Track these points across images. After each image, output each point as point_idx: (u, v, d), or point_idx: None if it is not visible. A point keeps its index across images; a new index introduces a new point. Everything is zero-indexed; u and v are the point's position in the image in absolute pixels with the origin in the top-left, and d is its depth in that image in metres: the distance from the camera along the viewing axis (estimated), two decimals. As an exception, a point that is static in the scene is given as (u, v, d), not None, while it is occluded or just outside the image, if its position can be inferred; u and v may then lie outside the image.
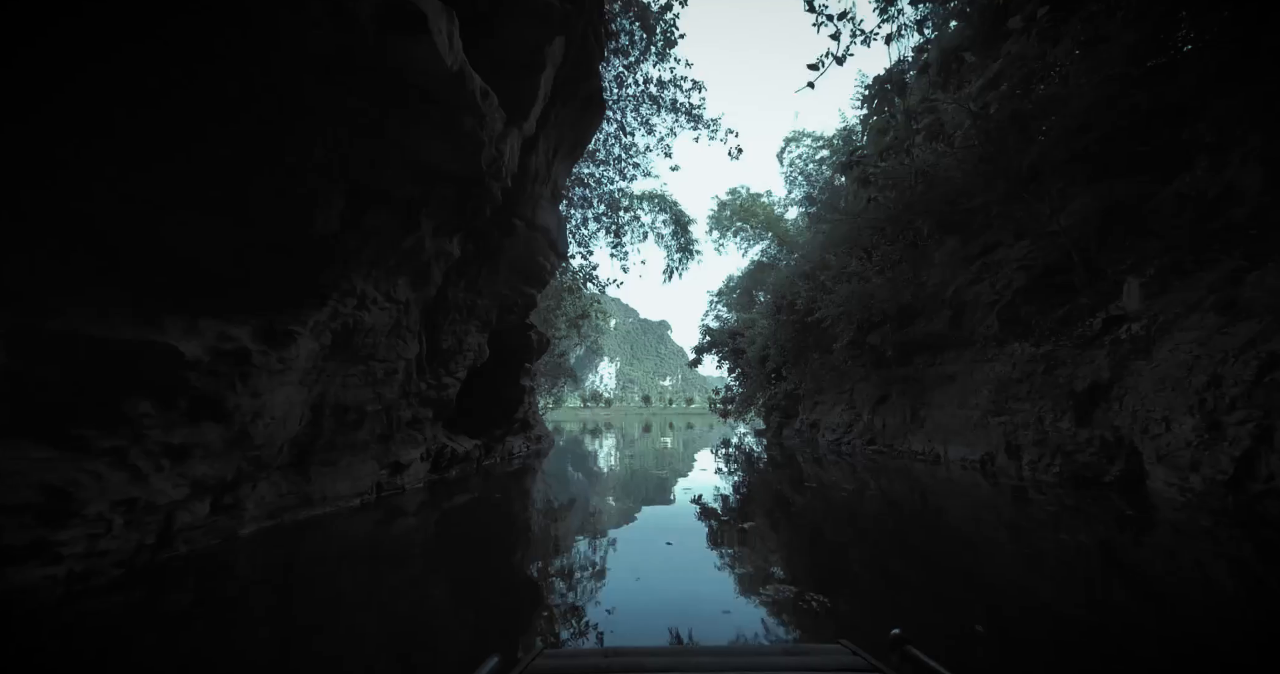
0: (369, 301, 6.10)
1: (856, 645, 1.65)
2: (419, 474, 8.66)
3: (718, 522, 6.76)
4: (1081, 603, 3.83)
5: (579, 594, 4.06)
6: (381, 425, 7.49)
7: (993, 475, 10.33)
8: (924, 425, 14.24)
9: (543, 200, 9.77)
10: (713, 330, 33.24)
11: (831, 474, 11.25)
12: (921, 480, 10.12)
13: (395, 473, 7.89)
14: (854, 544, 5.79)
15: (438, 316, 8.38)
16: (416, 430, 8.52)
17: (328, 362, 5.86)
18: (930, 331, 14.45)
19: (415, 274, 7.05)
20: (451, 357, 9.01)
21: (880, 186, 13.49)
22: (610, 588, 4.12)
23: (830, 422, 18.51)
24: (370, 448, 7.33)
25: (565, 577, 4.52)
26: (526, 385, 12.98)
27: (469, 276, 8.73)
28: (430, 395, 8.68)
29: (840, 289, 16.52)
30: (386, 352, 7.02)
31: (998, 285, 11.85)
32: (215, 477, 4.35)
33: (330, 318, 5.54)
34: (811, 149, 30.40)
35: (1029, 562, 5.13)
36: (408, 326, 7.36)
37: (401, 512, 7.05)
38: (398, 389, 7.59)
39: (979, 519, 6.99)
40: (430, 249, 6.88)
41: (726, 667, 1.57)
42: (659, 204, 20.73)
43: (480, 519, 7.00)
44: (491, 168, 6.69)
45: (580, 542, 5.70)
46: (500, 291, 9.87)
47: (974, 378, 12.17)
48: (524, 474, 12.24)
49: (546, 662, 1.57)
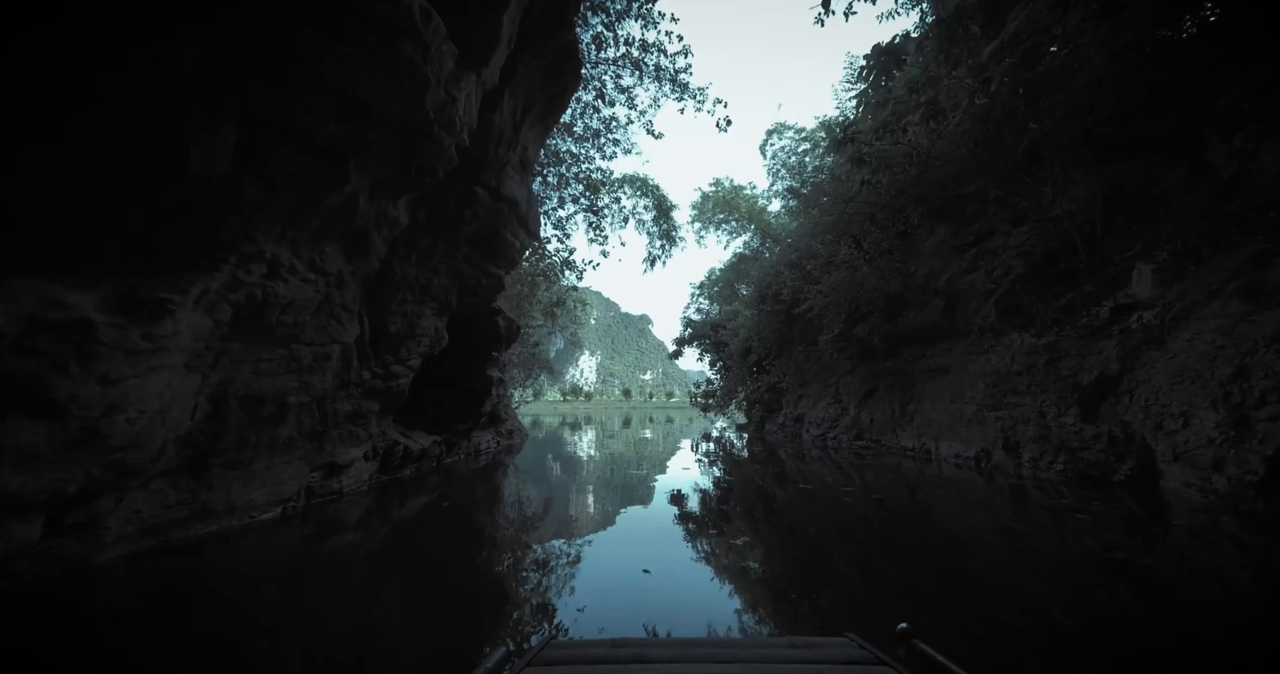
0: (285, 270, 5.01)
1: (863, 638, 1.65)
2: (362, 475, 7.58)
3: (702, 536, 5.90)
4: (1095, 614, 3.44)
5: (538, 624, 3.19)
6: (312, 420, 6.40)
7: (989, 473, 9.78)
8: (914, 420, 13.72)
9: (509, 168, 8.70)
10: (694, 322, 32.51)
11: (817, 471, 10.57)
12: (913, 479, 9.49)
13: (331, 475, 6.81)
14: (845, 551, 5.02)
15: (383, 295, 7.29)
16: (359, 425, 7.44)
17: (230, 342, 4.76)
18: (921, 323, 13.90)
19: (350, 241, 5.95)
20: (402, 342, 7.92)
21: (874, 168, 12.78)
22: (580, 623, 3.24)
23: (815, 416, 17.95)
24: (297, 446, 6.23)
25: (522, 603, 3.61)
26: (495, 376, 11.94)
27: (422, 251, 7.64)
28: (376, 386, 7.59)
29: (828, 278, 15.86)
30: (315, 333, 5.93)
31: (994, 274, 11.29)
32: (45, 489, 3.27)
33: (228, 287, 4.44)
34: (794, 141, 29.94)
35: (1034, 568, 4.54)
36: (343, 304, 6.26)
37: (332, 522, 6.00)
38: (332, 378, 6.50)
39: (978, 521, 6.31)
40: (368, 211, 5.79)
41: (732, 658, 1.57)
42: (641, 188, 19.72)
43: (425, 531, 6.01)
44: (441, 116, 5.63)
45: (546, 557, 4.78)
46: (460, 270, 8.79)
47: (968, 371, 11.63)
48: (490, 473, 11.22)
49: (554, 651, 1.61)
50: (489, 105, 7.34)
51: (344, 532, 5.76)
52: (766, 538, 5.69)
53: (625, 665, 1.50)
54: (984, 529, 5.95)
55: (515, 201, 9.03)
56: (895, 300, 15.14)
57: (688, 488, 8.83)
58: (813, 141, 28.52)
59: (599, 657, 1.58)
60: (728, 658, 1.58)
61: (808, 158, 29.21)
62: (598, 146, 14.41)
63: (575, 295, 23.61)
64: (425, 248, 7.69)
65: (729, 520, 6.53)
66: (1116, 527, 5.78)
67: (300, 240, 5.15)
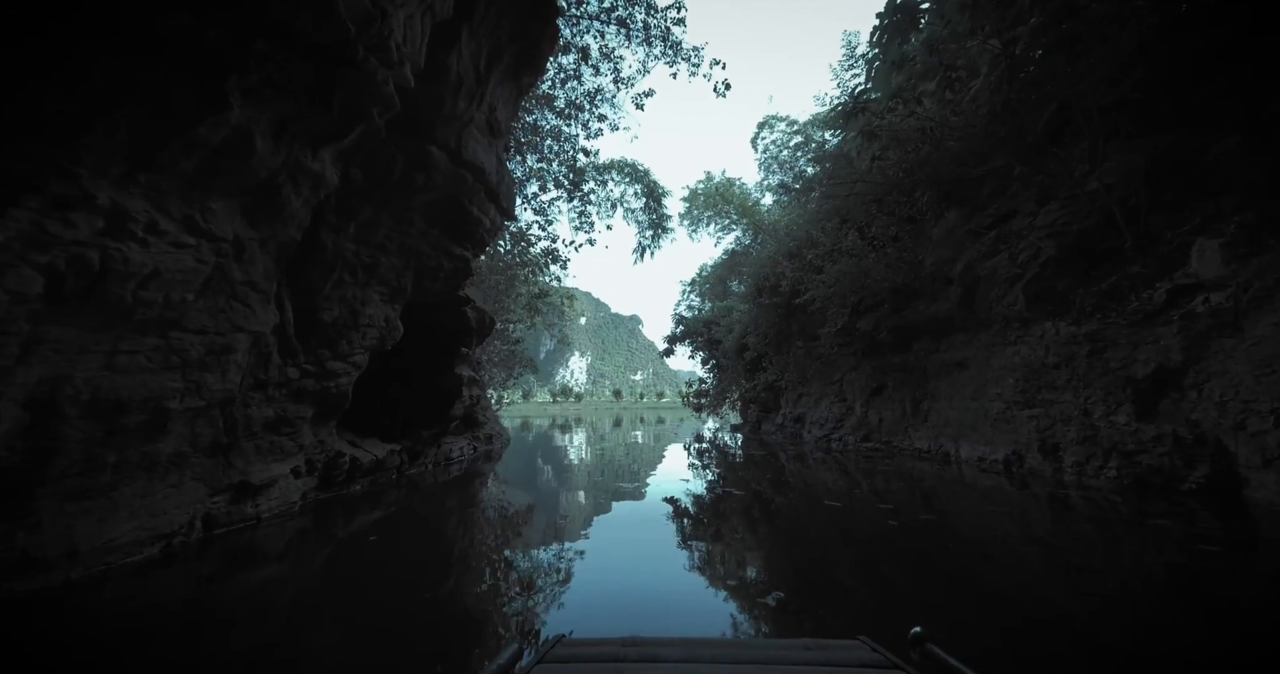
0: (141, 228, 3.65)
1: (876, 642, 1.63)
2: (290, 496, 6.21)
3: (706, 568, 4.65)
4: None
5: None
6: (213, 430, 5.03)
7: (1021, 478, 8.67)
8: (928, 419, 12.64)
9: (474, 129, 7.38)
10: (686, 319, 31.37)
11: (823, 477, 9.37)
12: (933, 485, 8.35)
13: (242, 498, 5.44)
14: (869, 580, 3.81)
15: (312, 274, 5.93)
16: (285, 435, 6.07)
17: (48, 326, 3.40)
18: (934, 314, 12.82)
19: (252, 199, 4.60)
20: (341, 333, 6.57)
21: (884, 144, 11.66)
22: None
23: (817, 416, 16.83)
24: (190, 464, 4.87)
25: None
26: (465, 375, 10.60)
27: (363, 221, 6.30)
28: (307, 386, 6.23)
29: (832, 267, 14.73)
30: (208, 319, 4.57)
31: (1020, 257, 10.20)
32: None
33: (30, 244, 3.09)
34: (785, 135, 29.19)
35: (1095, 595, 3.67)
36: (249, 282, 4.91)
37: (234, 558, 4.65)
38: (240, 376, 5.14)
39: (1025, 538, 5.14)
40: (271, 159, 4.45)
41: (744, 659, 1.55)
42: (629, 174, 18.44)
43: (353, 567, 4.67)
44: (368, 35, 4.32)
45: (515, 591, 3.50)
46: (416, 248, 7.45)
47: (991, 365, 10.54)
48: (461, 485, 9.87)
49: (565, 650, 1.61)
50: (443, 43, 6.02)
51: (245, 570, 4.42)
52: (784, 579, 4.45)
53: (636, 664, 1.48)
54: (1041, 549, 4.78)
55: (482, 170, 7.71)
56: (903, 291, 14.07)
57: (690, 508, 7.56)
58: (805, 135, 27.96)
59: (610, 655, 1.56)
60: (740, 658, 1.56)
61: (799, 152, 28.61)
62: (581, 123, 13.12)
63: (561, 290, 22.25)
64: (367, 219, 6.34)
65: (751, 567, 5.28)
66: (1190, 544, 4.70)
67: (166, 189, 3.80)
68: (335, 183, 5.47)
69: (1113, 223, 8.80)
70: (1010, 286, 10.38)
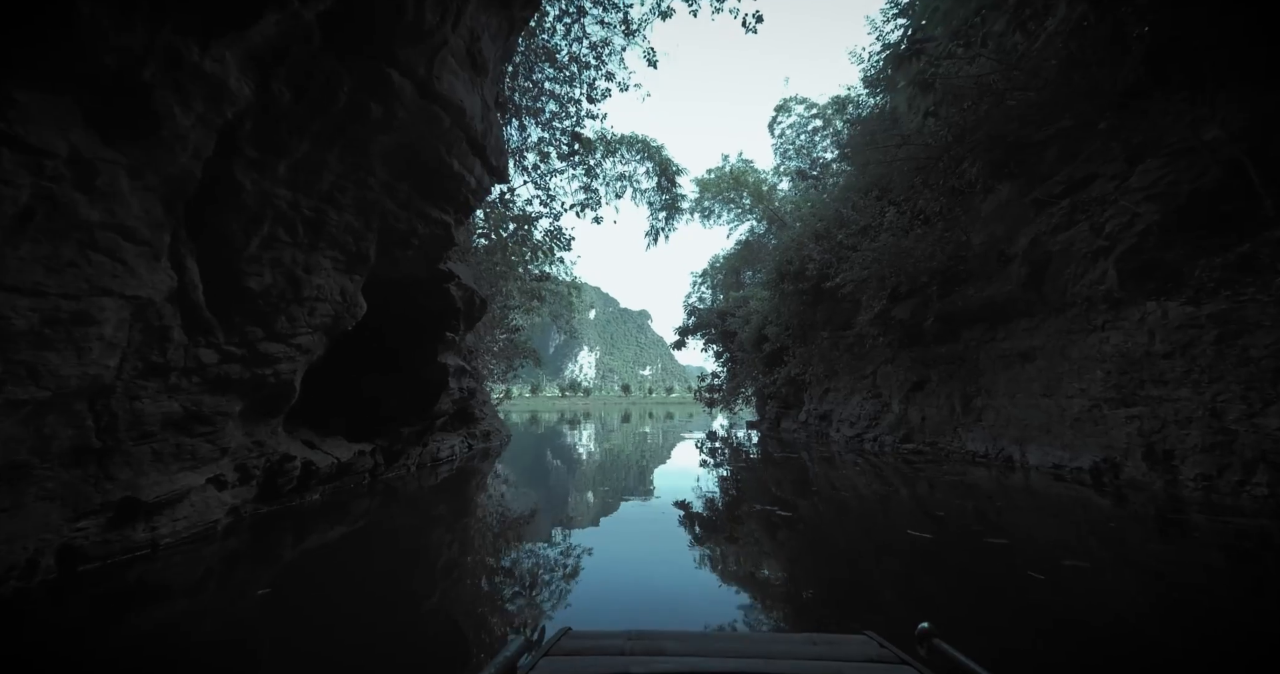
0: None
1: (883, 637, 1.62)
2: (209, 513, 4.86)
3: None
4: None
5: None
6: (73, 431, 3.67)
7: (1117, 491, 7.09)
8: (981, 419, 11.04)
9: (449, 56, 5.91)
10: (699, 309, 29.88)
11: (860, 486, 7.81)
12: (999, 499, 6.81)
13: (127, 521, 4.09)
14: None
15: (229, 226, 4.53)
16: (200, 435, 4.71)
17: None
18: (989, 298, 11.17)
19: (102, 99, 3.19)
20: (278, 307, 5.18)
21: (940, 97, 10.00)
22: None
23: (847, 413, 15.26)
24: (34, 479, 3.51)
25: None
26: (452, 364, 9.22)
27: (299, 161, 4.87)
28: (231, 373, 4.86)
29: (870, 245, 13.10)
30: (42, 273, 3.19)
31: (1107, 227, 8.54)
32: None
33: None
34: (803, 118, 27.65)
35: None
36: (119, 227, 3.52)
37: (85, 611, 3.29)
38: (115, 359, 3.77)
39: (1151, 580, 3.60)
40: (121, 36, 3.04)
41: (750, 653, 1.54)
42: (641, 150, 16.89)
43: (262, 620, 3.28)
44: None
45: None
46: (380, 205, 6.03)
47: (1069, 355, 8.92)
48: (449, 490, 8.54)
49: (571, 642, 1.61)
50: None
51: (110, 624, 3.05)
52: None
53: (641, 657, 1.47)
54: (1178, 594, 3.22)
55: (461, 111, 6.25)
56: (948, 274, 12.43)
57: (719, 535, 6.12)
58: (824, 119, 26.56)
59: (615, 648, 1.56)
60: (745, 652, 1.55)
61: (818, 136, 27.12)
62: (587, 83, 11.61)
63: (565, 269, 20.78)
64: (306, 158, 4.92)
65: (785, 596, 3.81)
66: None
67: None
68: (248, 98, 4.04)
69: (1238, 180, 7.12)
70: (1093, 262, 8.73)
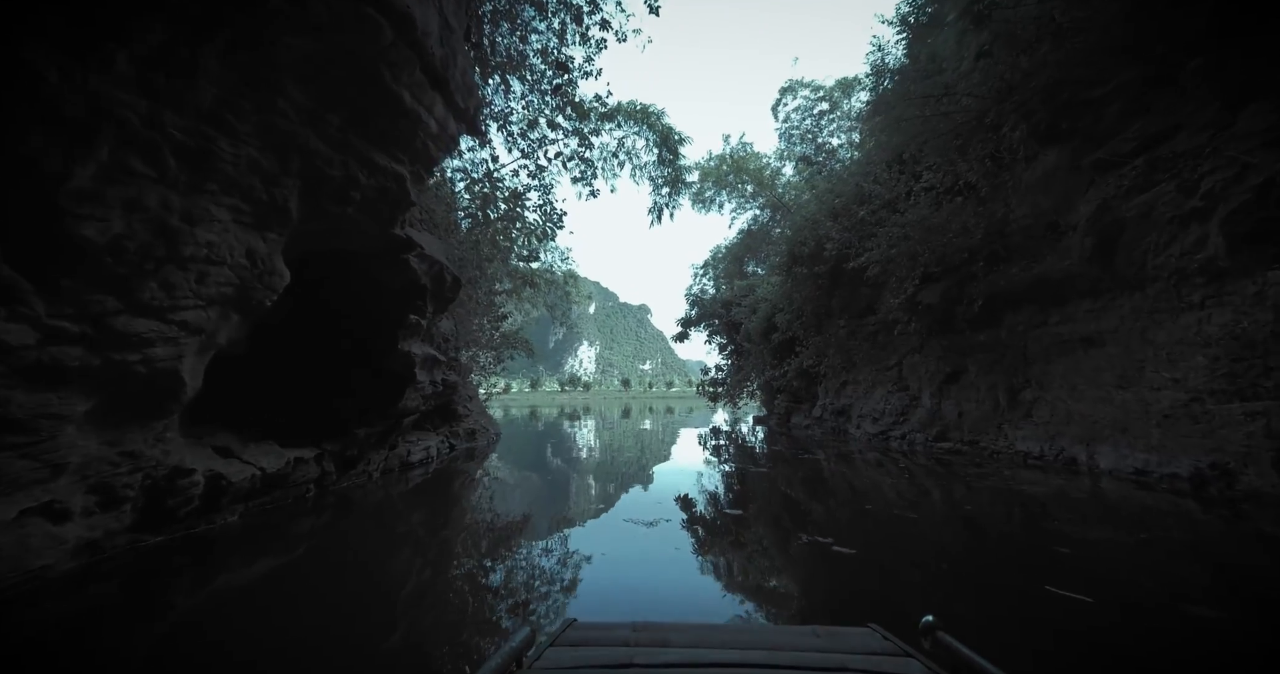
0: None
1: (886, 630, 1.61)
2: (31, 556, 3.45)
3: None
4: None
5: None
6: None
7: (1231, 504, 5.71)
8: (1032, 414, 9.64)
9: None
10: (702, 300, 28.44)
11: (915, 498, 6.36)
12: (1082, 511, 5.40)
13: None
14: None
15: (30, 140, 3.08)
16: (11, 449, 3.29)
17: None
18: (1041, 276, 9.73)
19: None
20: (141, 267, 3.75)
21: (996, 35, 8.51)
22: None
23: (869, 408, 13.85)
24: None
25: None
26: (419, 354, 7.80)
27: (152, 53, 3.42)
28: (66, 359, 3.44)
29: (899, 219, 11.65)
30: None
31: (1205, 184, 7.09)
32: None
33: None
34: (809, 101, 26.43)
35: None
36: None
37: None
38: None
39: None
40: None
41: (753, 645, 1.53)
42: (640, 119, 15.35)
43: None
44: None
45: None
46: (297, 138, 4.58)
47: (1153, 338, 7.50)
48: (416, 501, 7.17)
49: (576, 633, 1.62)
50: None
51: None
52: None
53: (646, 649, 1.46)
54: None
55: (408, 18, 4.77)
56: (985, 252, 11.00)
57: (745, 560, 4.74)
58: (831, 101, 25.45)
59: (620, 639, 1.56)
60: (750, 644, 1.54)
61: (824, 120, 26.00)
62: (579, 33, 10.10)
63: (560, 255, 19.30)
64: (166, 51, 3.46)
65: None
66: None
67: None
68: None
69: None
70: (1183, 228, 7.29)
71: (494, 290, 13.56)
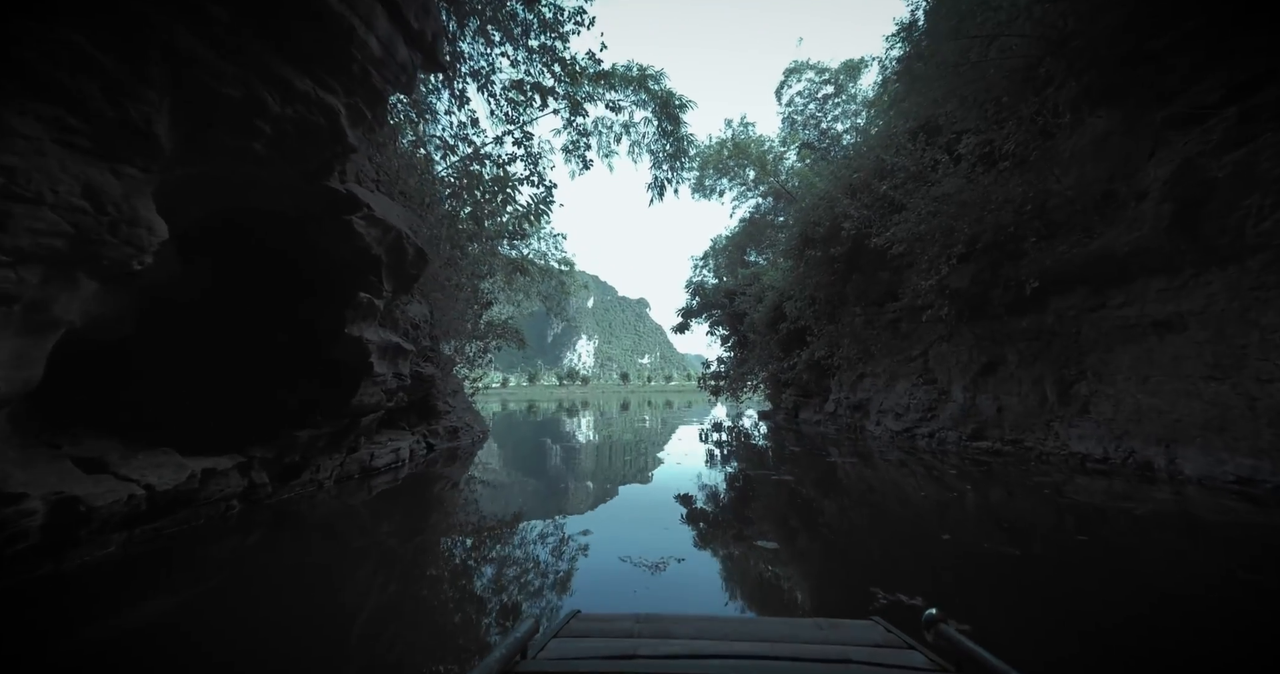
0: None
1: (889, 622, 1.60)
2: None
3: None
4: None
5: None
6: None
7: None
8: (1089, 409, 8.41)
9: None
10: (704, 289, 27.15)
11: (968, 516, 5.05)
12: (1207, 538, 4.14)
13: None
14: None
15: None
16: None
17: None
18: (1102, 251, 8.44)
19: None
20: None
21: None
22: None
23: (890, 402, 12.62)
24: None
25: None
26: (374, 341, 6.50)
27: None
28: None
29: (928, 191, 10.37)
30: None
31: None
32: None
33: None
34: (814, 84, 25.38)
35: None
36: None
37: None
38: None
39: None
40: None
41: (757, 636, 1.53)
42: (638, 85, 13.95)
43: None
44: None
45: None
46: (162, 37, 3.26)
47: (1257, 319, 6.27)
48: (375, 514, 5.87)
49: (580, 624, 1.62)
50: None
51: None
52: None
53: (649, 640, 1.47)
54: None
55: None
56: (1032, 228, 9.72)
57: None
58: (836, 84, 24.50)
59: (623, 631, 1.56)
60: (752, 636, 1.54)
61: (829, 103, 25.00)
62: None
63: (554, 243, 17.96)
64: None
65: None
66: None
67: None
68: None
69: None
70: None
71: (477, 274, 12.22)
